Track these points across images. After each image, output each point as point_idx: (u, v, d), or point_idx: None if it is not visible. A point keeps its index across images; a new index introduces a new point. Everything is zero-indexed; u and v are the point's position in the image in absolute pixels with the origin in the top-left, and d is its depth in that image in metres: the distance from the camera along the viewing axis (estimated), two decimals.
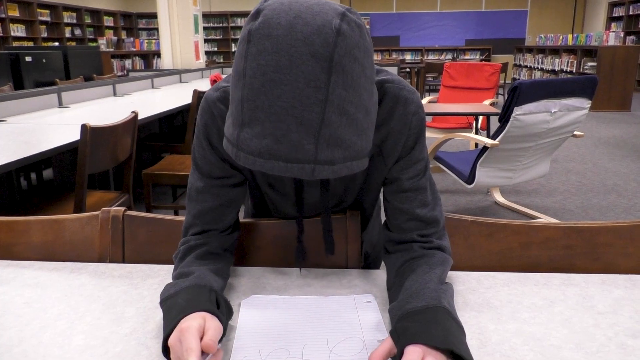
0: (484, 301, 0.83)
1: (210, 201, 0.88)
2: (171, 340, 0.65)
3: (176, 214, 3.24)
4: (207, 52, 14.42)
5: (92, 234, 1.03)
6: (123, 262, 1.01)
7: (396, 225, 0.89)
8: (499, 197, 3.74)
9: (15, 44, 10.94)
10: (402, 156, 0.87)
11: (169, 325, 0.68)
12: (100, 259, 1.01)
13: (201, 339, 0.65)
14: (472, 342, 0.71)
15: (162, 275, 0.92)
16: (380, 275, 0.92)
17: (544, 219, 3.30)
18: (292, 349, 0.70)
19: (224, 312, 0.73)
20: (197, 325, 0.66)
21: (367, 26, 14.04)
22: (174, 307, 0.71)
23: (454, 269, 0.90)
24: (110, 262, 1.00)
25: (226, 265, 0.88)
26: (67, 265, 0.96)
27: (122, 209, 1.03)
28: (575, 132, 3.03)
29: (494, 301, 0.83)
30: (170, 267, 0.94)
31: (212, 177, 0.88)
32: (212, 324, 0.67)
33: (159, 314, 0.78)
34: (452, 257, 0.87)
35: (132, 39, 10.60)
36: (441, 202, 0.91)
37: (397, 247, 0.89)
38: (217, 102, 0.83)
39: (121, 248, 1.01)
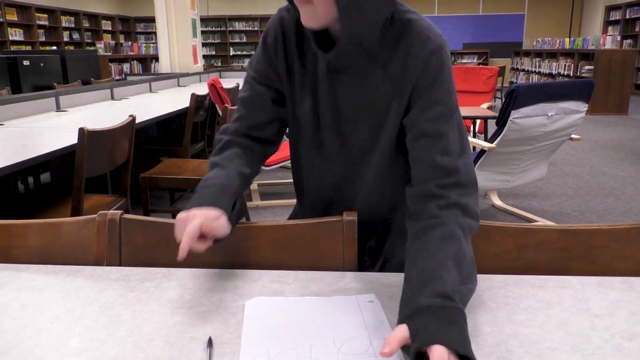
0: (480, 303, 0.83)
1: (255, 89, 1.01)
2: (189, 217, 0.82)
3: (174, 217, 3.23)
4: (205, 56, 14.44)
5: (89, 237, 1.03)
6: (120, 265, 1.01)
7: (416, 177, 0.87)
8: (496, 200, 3.75)
9: (13, 48, 10.95)
10: (419, 96, 0.86)
11: (190, 205, 0.86)
12: (97, 262, 1.01)
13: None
14: None
15: (158, 278, 0.92)
16: (377, 277, 0.93)
17: (541, 222, 3.30)
18: (299, 349, 0.70)
19: (232, 214, 0.89)
20: (204, 218, 0.82)
21: None
22: (200, 196, 0.89)
23: None
24: (107, 265, 1.00)
25: (254, 173, 1.03)
26: (64, 268, 0.96)
27: (119, 212, 1.03)
28: (573, 136, 3.04)
29: (490, 303, 0.83)
30: (167, 271, 0.94)
31: (257, 71, 1.00)
32: (222, 220, 0.85)
33: (155, 317, 0.79)
34: None
35: (130, 42, 10.60)
36: (471, 161, 0.86)
37: (415, 207, 0.86)
38: (285, 11, 0.96)
39: (118, 251, 1.01)
